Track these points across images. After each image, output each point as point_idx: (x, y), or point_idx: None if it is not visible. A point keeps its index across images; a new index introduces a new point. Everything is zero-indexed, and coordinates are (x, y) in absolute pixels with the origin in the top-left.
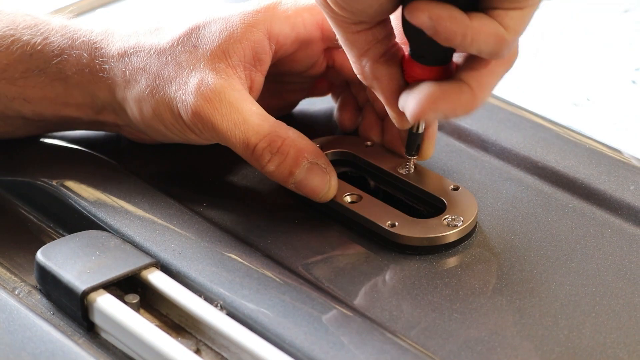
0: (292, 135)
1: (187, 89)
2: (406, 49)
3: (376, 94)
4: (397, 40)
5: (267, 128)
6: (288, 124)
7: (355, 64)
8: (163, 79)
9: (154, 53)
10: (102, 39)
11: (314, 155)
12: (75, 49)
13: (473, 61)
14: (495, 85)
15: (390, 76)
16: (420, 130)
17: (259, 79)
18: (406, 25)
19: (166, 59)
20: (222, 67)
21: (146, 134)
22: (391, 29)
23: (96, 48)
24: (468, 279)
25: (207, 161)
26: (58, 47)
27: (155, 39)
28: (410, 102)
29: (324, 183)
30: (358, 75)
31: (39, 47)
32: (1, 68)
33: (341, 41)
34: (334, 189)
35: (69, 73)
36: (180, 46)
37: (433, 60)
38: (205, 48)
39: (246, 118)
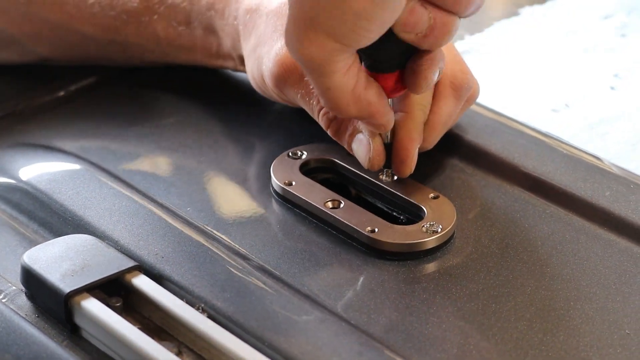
0: None
1: (271, 51)
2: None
3: (368, 119)
4: None
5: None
6: (272, 129)
7: (345, 102)
8: (262, 38)
9: (265, 13)
10: None
11: None
12: (221, 3)
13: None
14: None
15: (378, 94)
16: (390, 140)
17: None
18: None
19: (270, 20)
20: None
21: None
22: None
23: (236, 2)
24: (445, 284)
25: (192, 165)
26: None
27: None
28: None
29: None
30: (342, 113)
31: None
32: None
33: (328, 89)
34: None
35: (217, 26)
36: (284, 9)
37: (393, 65)
38: None
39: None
